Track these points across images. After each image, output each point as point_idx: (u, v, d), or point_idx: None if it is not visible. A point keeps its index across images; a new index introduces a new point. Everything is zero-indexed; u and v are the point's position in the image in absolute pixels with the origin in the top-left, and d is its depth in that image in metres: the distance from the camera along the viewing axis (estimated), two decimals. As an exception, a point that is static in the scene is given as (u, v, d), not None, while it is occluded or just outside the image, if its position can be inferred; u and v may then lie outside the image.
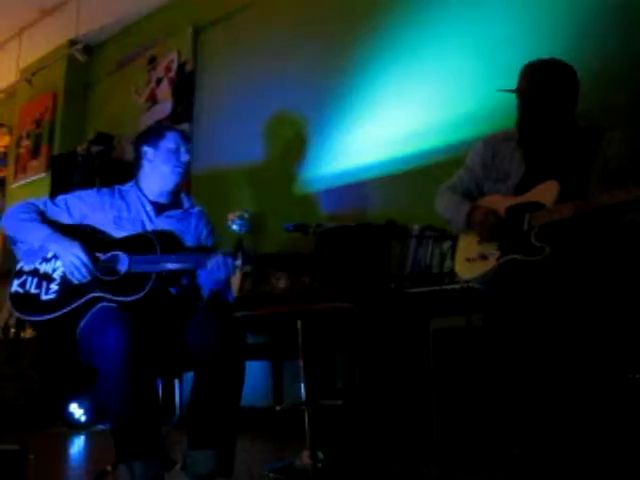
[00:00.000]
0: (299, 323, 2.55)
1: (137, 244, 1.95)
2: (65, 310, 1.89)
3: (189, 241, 2.12)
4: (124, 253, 1.93)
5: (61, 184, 4.70)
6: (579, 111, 2.11)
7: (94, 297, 1.88)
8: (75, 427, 3.68)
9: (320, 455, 2.37)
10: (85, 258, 1.93)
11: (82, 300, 1.89)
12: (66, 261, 1.93)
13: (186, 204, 2.24)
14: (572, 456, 1.78)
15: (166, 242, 1.97)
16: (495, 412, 2.05)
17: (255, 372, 3.64)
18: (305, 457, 2.37)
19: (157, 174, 2.15)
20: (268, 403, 3.40)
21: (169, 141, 2.15)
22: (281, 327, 3.05)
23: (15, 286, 1.97)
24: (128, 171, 2.28)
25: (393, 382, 2.74)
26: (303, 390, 2.47)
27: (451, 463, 2.26)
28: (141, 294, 1.85)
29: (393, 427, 2.69)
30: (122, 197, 2.16)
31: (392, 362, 2.75)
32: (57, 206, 2.10)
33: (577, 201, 1.85)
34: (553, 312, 1.81)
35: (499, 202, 2.10)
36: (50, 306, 1.91)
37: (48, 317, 1.91)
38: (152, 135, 2.19)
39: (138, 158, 2.18)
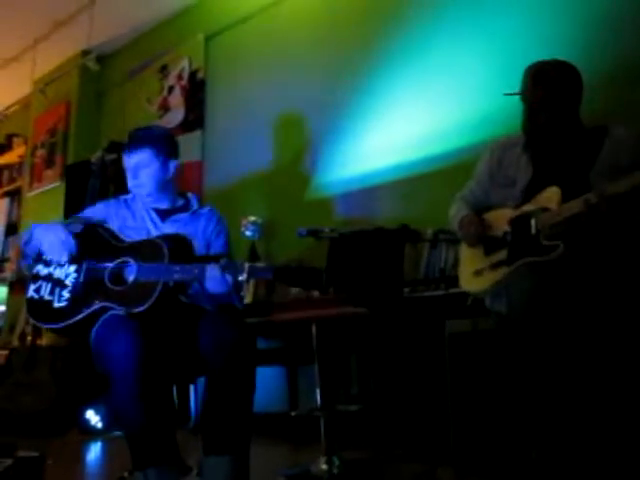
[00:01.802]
0: (314, 328, 2.55)
1: (146, 250, 1.93)
2: (75, 319, 1.90)
3: (199, 244, 2.09)
4: (133, 260, 1.92)
5: (75, 193, 4.74)
6: (592, 111, 2.10)
7: (102, 307, 1.88)
8: (92, 434, 3.69)
9: (336, 460, 2.37)
10: (63, 236, 1.94)
11: (90, 310, 1.89)
12: (45, 241, 1.94)
13: (194, 205, 2.21)
14: (592, 459, 1.76)
15: (176, 247, 1.94)
16: (513, 415, 2.04)
17: (270, 378, 3.64)
18: (321, 463, 2.36)
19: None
20: (283, 409, 3.39)
21: (125, 161, 2.12)
22: (296, 332, 3.05)
23: (31, 291, 1.99)
24: (175, 174, 2.27)
25: (409, 386, 2.73)
26: (318, 395, 2.47)
27: (468, 467, 2.24)
28: (147, 305, 1.82)
29: (409, 431, 2.68)
30: (127, 206, 2.18)
31: (408, 366, 2.74)
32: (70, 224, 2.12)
33: (587, 195, 1.83)
34: (572, 311, 1.79)
35: (505, 214, 2.10)
36: (62, 314, 1.92)
37: (60, 325, 1.93)
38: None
39: None
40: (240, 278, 1.81)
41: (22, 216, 5.91)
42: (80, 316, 1.90)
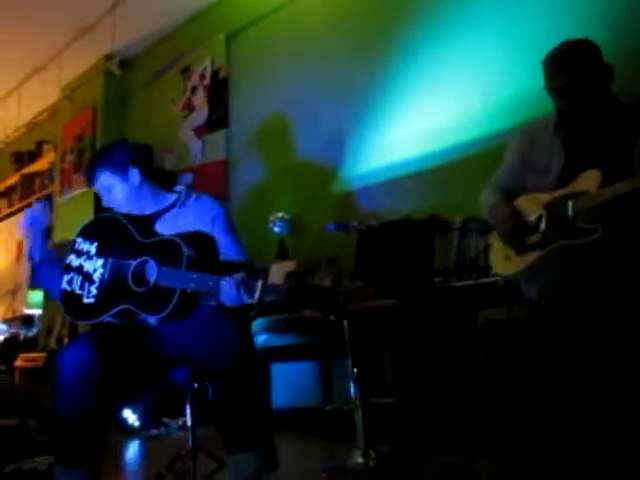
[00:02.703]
0: (345, 322, 2.54)
1: (166, 249, 1.88)
2: (101, 318, 1.92)
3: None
4: (153, 260, 1.88)
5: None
6: (629, 87, 2.04)
7: (126, 309, 1.88)
8: (129, 432, 3.75)
9: (372, 454, 2.36)
10: None
11: (114, 310, 1.90)
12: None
13: (181, 198, 2.13)
14: (634, 449, 1.72)
15: (196, 245, 1.88)
16: (551, 404, 2.00)
17: (303, 373, 3.65)
18: (357, 456, 2.35)
19: None
20: (318, 403, 3.40)
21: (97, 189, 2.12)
22: (328, 327, 3.04)
23: (64, 282, 2.00)
24: (168, 180, 2.29)
25: (443, 377, 2.71)
26: (352, 389, 2.46)
27: (505, 458, 2.21)
28: (165, 313, 1.80)
29: (445, 423, 2.66)
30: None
31: (441, 357, 2.72)
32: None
33: (631, 179, 1.78)
34: (608, 298, 1.75)
35: (537, 200, 2.04)
36: (90, 311, 1.94)
37: (88, 322, 1.95)
38: None
39: None
40: (251, 300, 1.72)
41: (54, 221, 6.02)
42: (106, 315, 1.91)
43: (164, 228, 2.04)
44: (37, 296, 5.59)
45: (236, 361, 1.77)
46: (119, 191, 2.08)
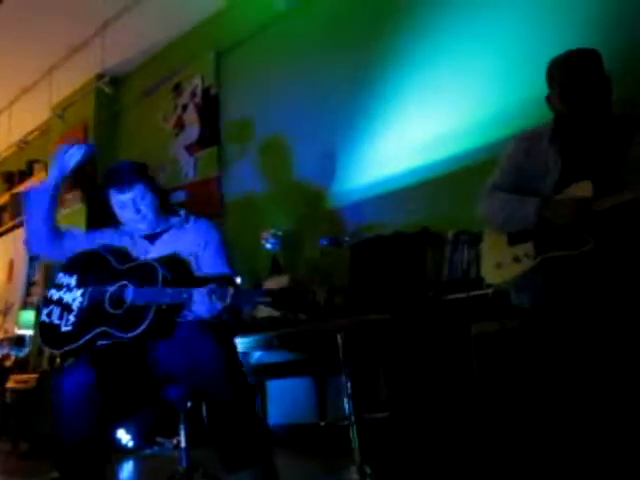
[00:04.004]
0: (339, 338, 2.53)
1: (142, 272, 1.97)
2: (77, 344, 1.95)
3: (189, 259, 2.11)
4: (131, 284, 1.96)
5: (97, 214, 4.80)
6: (618, 98, 2.06)
7: (102, 332, 1.93)
8: (123, 452, 3.71)
9: (368, 469, 2.34)
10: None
11: (91, 334, 1.94)
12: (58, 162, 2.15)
13: (182, 220, 2.25)
14: (632, 461, 1.72)
15: (173, 268, 1.98)
16: (546, 417, 1.99)
17: (298, 389, 3.63)
18: (353, 472, 2.34)
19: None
20: (312, 419, 3.38)
21: (114, 200, 2.19)
22: (321, 343, 3.03)
23: (44, 315, 2.05)
24: (161, 197, 2.32)
25: (438, 391, 2.70)
26: (347, 405, 2.45)
27: (501, 471, 2.20)
28: (141, 328, 1.86)
29: (441, 436, 2.64)
30: (123, 232, 2.24)
31: (435, 370, 2.71)
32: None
33: (622, 192, 1.79)
34: (600, 309, 1.75)
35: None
36: (66, 338, 1.98)
37: (61, 350, 1.98)
38: (104, 190, 2.24)
39: None
40: (223, 304, 1.79)
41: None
42: (81, 341, 1.95)
43: (162, 247, 2.15)
44: (28, 316, 5.55)
45: (221, 376, 1.79)
46: (149, 205, 2.17)
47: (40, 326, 2.05)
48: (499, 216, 2.10)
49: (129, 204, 2.15)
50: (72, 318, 2.00)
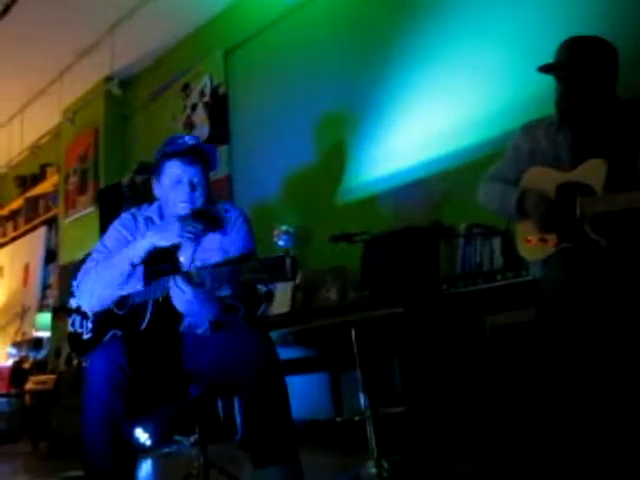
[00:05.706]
0: (353, 332, 2.53)
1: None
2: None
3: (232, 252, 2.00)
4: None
5: (109, 216, 4.82)
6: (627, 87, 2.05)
7: (113, 334, 1.97)
8: (140, 451, 3.74)
9: (385, 464, 2.34)
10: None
11: (106, 338, 1.98)
12: (172, 236, 1.90)
13: (225, 216, 2.10)
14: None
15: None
16: (561, 409, 1.98)
17: (313, 385, 3.63)
18: (370, 467, 2.34)
19: (167, 208, 2.04)
20: (328, 415, 3.38)
21: (169, 174, 1.99)
22: (336, 338, 3.04)
23: (69, 325, 2.13)
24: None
25: (453, 384, 2.70)
26: (362, 400, 2.45)
27: (518, 464, 2.20)
28: (143, 325, 1.91)
29: (457, 429, 2.64)
30: (152, 223, 2.12)
31: (450, 364, 2.71)
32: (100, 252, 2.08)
33: (632, 194, 1.79)
34: (613, 302, 1.75)
35: (545, 179, 2.04)
36: (90, 344, 2.03)
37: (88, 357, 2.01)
38: (155, 166, 2.07)
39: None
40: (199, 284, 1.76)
41: (60, 243, 6.05)
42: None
43: (210, 246, 2.03)
44: (45, 318, 5.60)
45: (261, 373, 1.79)
46: (202, 190, 2.00)
47: (68, 336, 2.13)
48: (491, 206, 2.21)
49: (186, 180, 1.96)
50: (90, 324, 2.06)
